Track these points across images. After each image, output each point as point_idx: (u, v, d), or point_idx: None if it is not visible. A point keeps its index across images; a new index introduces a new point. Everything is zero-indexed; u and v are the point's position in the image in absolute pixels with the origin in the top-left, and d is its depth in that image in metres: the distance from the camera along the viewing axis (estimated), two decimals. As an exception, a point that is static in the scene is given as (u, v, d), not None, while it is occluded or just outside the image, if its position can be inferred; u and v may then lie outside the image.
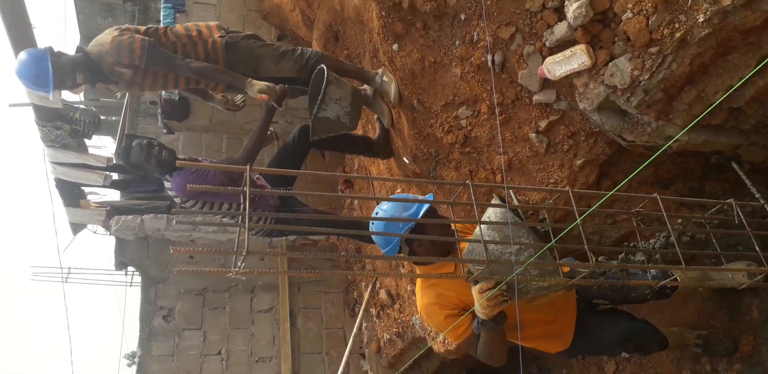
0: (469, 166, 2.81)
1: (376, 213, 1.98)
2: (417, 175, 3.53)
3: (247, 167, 1.49)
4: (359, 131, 4.66)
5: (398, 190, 3.91)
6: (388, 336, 4.75)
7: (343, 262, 5.80)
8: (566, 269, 1.86)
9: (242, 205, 1.37)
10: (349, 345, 4.98)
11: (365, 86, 3.35)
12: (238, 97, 3.46)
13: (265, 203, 3.13)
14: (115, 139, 7.21)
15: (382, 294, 4.82)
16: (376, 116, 3.58)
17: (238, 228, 1.38)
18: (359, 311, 5.32)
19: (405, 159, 3.45)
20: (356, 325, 5.12)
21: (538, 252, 1.59)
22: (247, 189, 1.42)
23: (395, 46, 2.91)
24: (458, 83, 2.66)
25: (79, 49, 2.83)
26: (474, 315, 1.84)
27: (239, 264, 1.35)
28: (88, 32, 8.55)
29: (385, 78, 3.07)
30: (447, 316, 1.90)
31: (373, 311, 5.10)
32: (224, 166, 1.53)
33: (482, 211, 1.76)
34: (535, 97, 2.35)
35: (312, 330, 5.81)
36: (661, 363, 2.91)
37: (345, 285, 6.14)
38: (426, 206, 1.90)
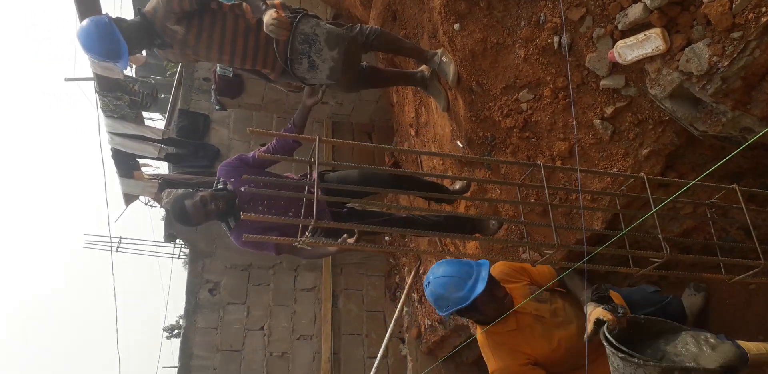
0: (527, 152, 2.79)
1: (427, 284, 2.06)
2: (469, 162, 3.52)
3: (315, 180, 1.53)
4: (409, 113, 4.68)
5: (450, 173, 3.91)
6: (429, 322, 4.78)
7: (386, 245, 5.67)
8: None
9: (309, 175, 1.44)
10: (389, 329, 5.04)
11: (422, 67, 3.36)
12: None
13: (321, 208, 2.94)
14: (164, 116, 7.44)
15: (424, 278, 4.82)
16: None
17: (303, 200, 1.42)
18: (400, 296, 5.39)
19: (458, 142, 3.43)
20: (398, 309, 5.16)
21: None
22: (315, 190, 1.47)
23: (456, 26, 2.89)
24: (521, 65, 2.63)
25: (136, 12, 2.76)
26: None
27: (306, 233, 1.38)
28: (141, 5, 8.77)
29: (444, 58, 3.06)
30: (524, 371, 1.94)
31: (416, 296, 5.13)
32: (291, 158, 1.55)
33: (553, 194, 1.77)
34: (603, 82, 2.30)
35: (353, 312, 5.95)
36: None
37: (387, 269, 6.24)
38: (479, 289, 1.95)
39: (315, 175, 1.71)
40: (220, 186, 2.84)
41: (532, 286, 2.16)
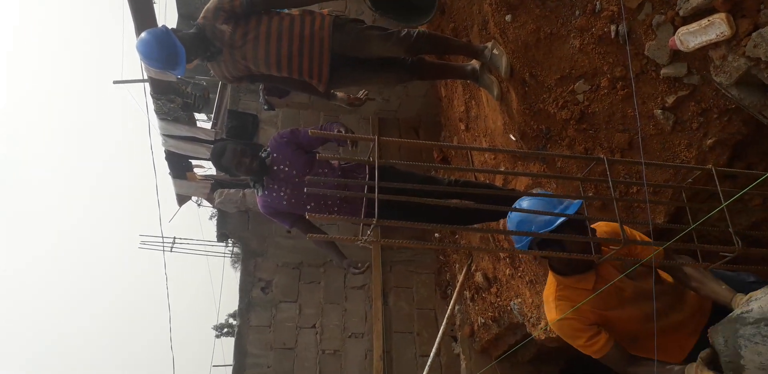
0: (584, 144, 2.77)
1: (518, 204, 1.95)
2: (523, 156, 3.52)
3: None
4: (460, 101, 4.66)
5: (502, 168, 3.92)
6: (483, 320, 4.77)
7: (435, 241, 5.82)
8: None
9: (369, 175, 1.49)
10: (442, 327, 5.07)
11: (473, 61, 3.37)
12: (362, 92, 3.53)
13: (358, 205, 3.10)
14: (210, 117, 7.61)
15: (478, 277, 4.82)
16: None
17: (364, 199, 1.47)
18: (452, 293, 5.40)
19: (511, 136, 3.42)
20: (450, 307, 5.19)
21: None
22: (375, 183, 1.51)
23: (508, 17, 2.89)
24: (576, 56, 2.61)
25: (193, 26, 2.88)
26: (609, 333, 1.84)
27: (368, 232, 1.43)
28: (185, 10, 8.94)
29: (495, 51, 3.06)
30: (583, 332, 1.89)
31: (467, 294, 5.12)
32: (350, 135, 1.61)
33: (618, 191, 1.72)
34: (663, 71, 2.27)
35: (403, 309, 5.98)
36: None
37: (437, 266, 6.22)
38: (579, 202, 1.82)
39: (371, 173, 1.81)
40: (264, 154, 3.06)
41: (627, 258, 2.03)
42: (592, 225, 1.90)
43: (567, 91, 2.76)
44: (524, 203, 1.97)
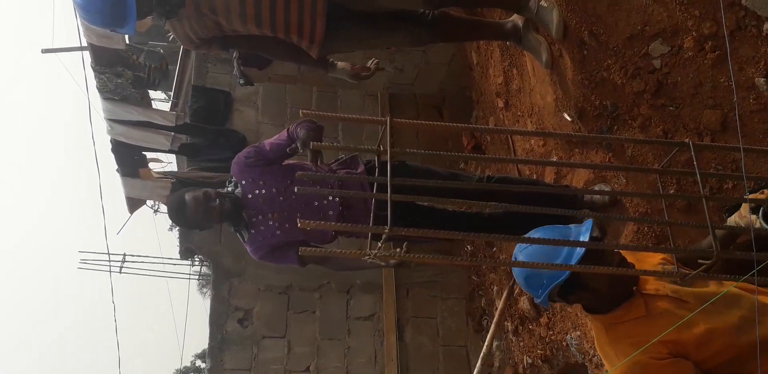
0: (662, 125, 2.76)
1: (515, 258, 2.04)
2: (582, 141, 3.51)
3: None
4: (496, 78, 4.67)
5: (554, 158, 3.92)
6: (530, 360, 4.79)
7: (466, 256, 5.73)
8: None
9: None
10: (476, 370, 4.92)
11: (513, 17, 3.36)
12: (371, 60, 3.48)
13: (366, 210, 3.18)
14: (169, 96, 7.61)
15: (524, 303, 4.86)
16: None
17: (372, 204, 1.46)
18: (488, 325, 5.39)
19: (566, 115, 3.44)
20: (486, 343, 5.00)
21: None
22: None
23: (560, -43, 2.90)
24: (651, 7, 2.60)
25: None
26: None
27: (379, 244, 1.44)
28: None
29: (543, 3, 3.05)
30: (662, 369, 1.88)
31: (509, 325, 5.16)
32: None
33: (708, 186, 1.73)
34: (767, 26, 2.26)
35: (425, 347, 5.93)
36: None
37: (469, 289, 6.18)
38: (580, 251, 1.88)
39: (378, 166, 1.81)
40: (230, 187, 3.17)
41: (667, 264, 2.08)
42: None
43: (639, 55, 2.73)
44: (520, 256, 2.02)
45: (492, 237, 1.51)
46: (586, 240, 1.90)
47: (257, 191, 3.11)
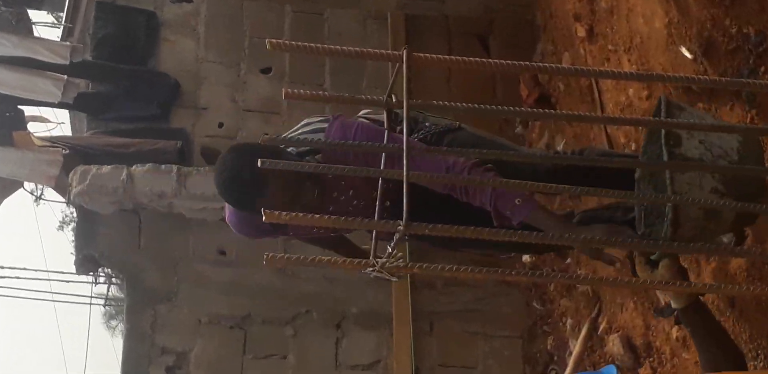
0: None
1: None
2: (708, 90, 3.61)
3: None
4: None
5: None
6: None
7: (525, 270, 5.80)
8: None
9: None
10: None
11: None
12: None
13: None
14: (59, 17, 7.87)
15: (613, 344, 4.92)
16: None
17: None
18: (559, 375, 5.75)
19: (684, 50, 3.60)
20: None
21: None
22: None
23: None
24: None
25: None
26: None
27: (388, 249, 1.64)
28: None
29: None
30: None
31: (589, 375, 5.26)
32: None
33: None
34: None
35: (458, 412, 5.91)
36: None
37: (527, 322, 6.24)
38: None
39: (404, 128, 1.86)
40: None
41: None
42: None
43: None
44: None
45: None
46: None
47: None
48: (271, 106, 6.46)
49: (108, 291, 8.64)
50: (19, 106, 5.84)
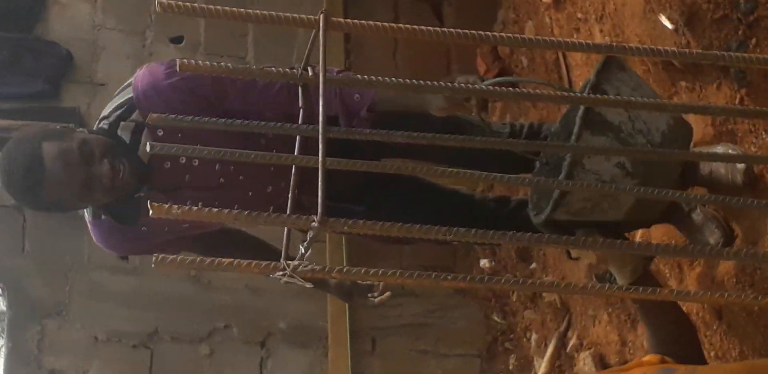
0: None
1: None
2: (691, 66, 3.73)
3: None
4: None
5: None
6: None
7: (483, 275, 5.95)
8: None
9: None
10: None
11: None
12: None
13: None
14: None
15: (584, 363, 5.08)
16: None
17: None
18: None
19: (663, 18, 3.69)
20: None
21: None
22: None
23: None
24: None
25: None
26: None
27: (304, 252, 1.63)
28: None
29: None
30: None
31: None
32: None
33: None
34: None
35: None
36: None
37: (487, 338, 6.30)
38: None
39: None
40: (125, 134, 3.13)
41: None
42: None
43: None
44: None
45: (520, 239, 1.62)
46: None
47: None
48: (182, 81, 6.32)
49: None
50: None
